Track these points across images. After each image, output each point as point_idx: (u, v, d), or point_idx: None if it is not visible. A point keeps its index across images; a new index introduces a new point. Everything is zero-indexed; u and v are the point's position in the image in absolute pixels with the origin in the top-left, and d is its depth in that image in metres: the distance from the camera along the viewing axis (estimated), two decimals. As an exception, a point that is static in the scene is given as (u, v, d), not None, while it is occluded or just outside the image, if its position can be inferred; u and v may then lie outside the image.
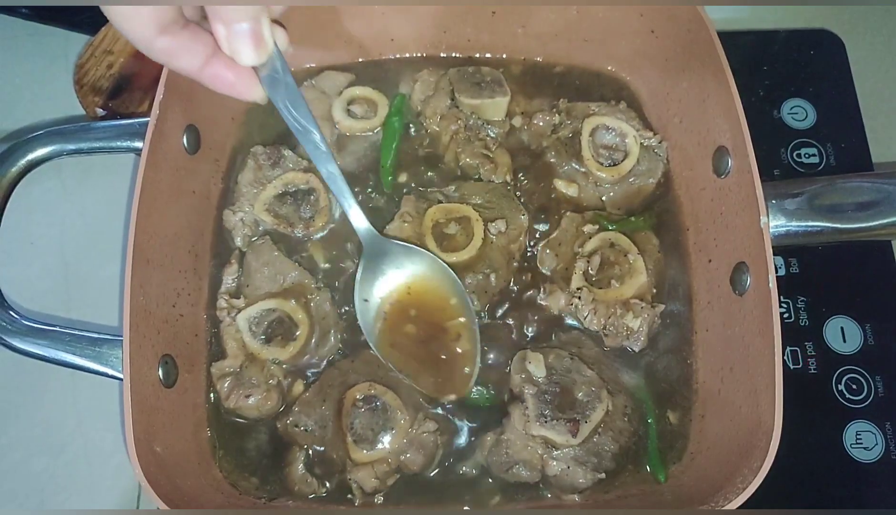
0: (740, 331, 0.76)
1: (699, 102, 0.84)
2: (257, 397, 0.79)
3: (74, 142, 0.79)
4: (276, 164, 0.89)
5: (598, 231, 0.85)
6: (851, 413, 0.87)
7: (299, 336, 0.81)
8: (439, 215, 0.85)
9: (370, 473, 0.76)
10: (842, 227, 0.74)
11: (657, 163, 0.89)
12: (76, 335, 0.74)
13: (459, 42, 0.96)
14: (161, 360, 0.76)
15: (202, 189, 0.88)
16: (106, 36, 1.00)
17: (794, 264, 0.95)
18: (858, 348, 0.90)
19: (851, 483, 0.85)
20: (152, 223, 0.76)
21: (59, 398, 0.90)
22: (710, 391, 0.80)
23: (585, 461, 0.75)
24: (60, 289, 0.95)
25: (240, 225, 0.87)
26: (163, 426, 0.74)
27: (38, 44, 1.09)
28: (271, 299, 0.82)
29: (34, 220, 0.98)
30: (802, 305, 0.93)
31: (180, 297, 0.82)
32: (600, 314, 0.82)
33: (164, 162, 0.79)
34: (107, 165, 0.98)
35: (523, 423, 0.76)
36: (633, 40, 0.92)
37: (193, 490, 0.74)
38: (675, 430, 0.81)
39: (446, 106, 0.91)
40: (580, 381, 0.78)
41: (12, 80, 1.07)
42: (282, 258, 0.85)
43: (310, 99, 0.92)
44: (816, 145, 1.01)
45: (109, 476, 0.87)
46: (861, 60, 1.06)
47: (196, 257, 0.86)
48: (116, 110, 0.99)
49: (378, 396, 0.78)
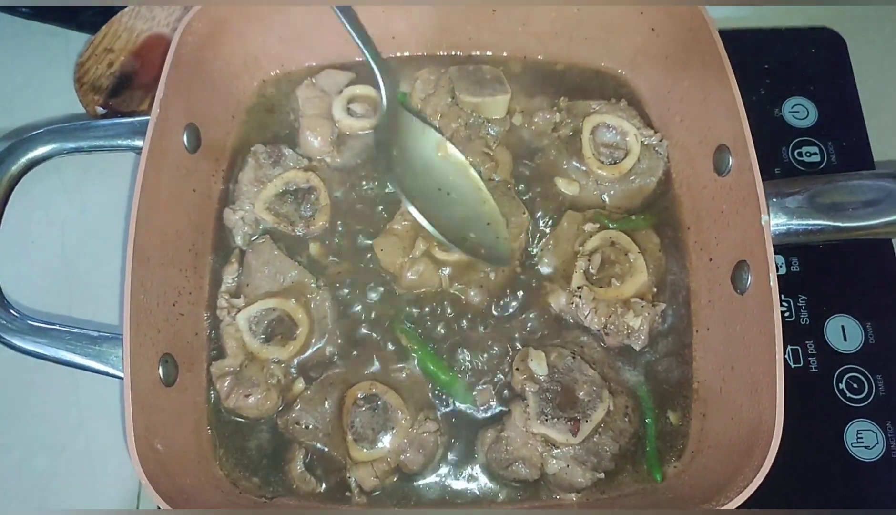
0: (741, 330, 0.76)
1: (700, 100, 0.83)
2: (257, 396, 0.79)
3: (75, 140, 0.79)
4: (276, 162, 0.89)
5: (598, 230, 0.85)
6: (852, 412, 0.87)
7: (299, 336, 0.81)
8: (440, 213, 0.85)
9: (370, 472, 0.76)
10: (843, 225, 0.74)
11: (658, 161, 0.89)
12: (76, 334, 0.74)
13: (460, 40, 0.96)
14: (161, 359, 0.76)
15: (202, 188, 0.88)
16: (106, 35, 1.00)
17: (795, 263, 0.95)
18: (859, 346, 0.90)
19: (852, 482, 0.85)
20: (152, 222, 0.77)
21: (60, 396, 0.90)
22: (711, 389, 0.80)
23: (585, 460, 0.75)
24: (61, 288, 0.95)
25: (240, 224, 0.87)
26: (163, 425, 0.74)
27: (39, 43, 1.09)
28: (271, 299, 0.82)
29: (35, 218, 0.98)
30: (803, 303, 0.93)
31: (181, 296, 0.82)
32: (601, 313, 0.81)
33: (164, 161, 0.79)
34: (107, 163, 0.98)
35: (524, 421, 0.76)
36: (633, 38, 0.91)
37: (193, 489, 0.74)
38: (676, 429, 0.81)
39: (447, 104, 0.91)
40: (582, 380, 0.78)
41: (13, 78, 1.07)
42: (282, 257, 0.85)
43: (310, 97, 0.92)
44: (817, 144, 1.01)
45: (110, 475, 0.87)
46: (862, 59, 1.05)
47: (196, 256, 0.86)
48: (117, 109, 0.99)
49: (379, 395, 0.79)
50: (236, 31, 0.89)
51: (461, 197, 0.85)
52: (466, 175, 0.87)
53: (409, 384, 0.80)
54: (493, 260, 0.83)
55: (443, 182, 0.86)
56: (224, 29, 0.87)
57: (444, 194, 0.85)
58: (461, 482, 0.79)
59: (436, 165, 0.87)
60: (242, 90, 0.94)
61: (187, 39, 0.82)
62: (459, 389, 0.81)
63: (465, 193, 0.86)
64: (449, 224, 0.82)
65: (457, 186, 0.86)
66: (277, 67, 0.96)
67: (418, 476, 0.78)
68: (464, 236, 0.83)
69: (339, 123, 0.92)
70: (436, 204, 0.84)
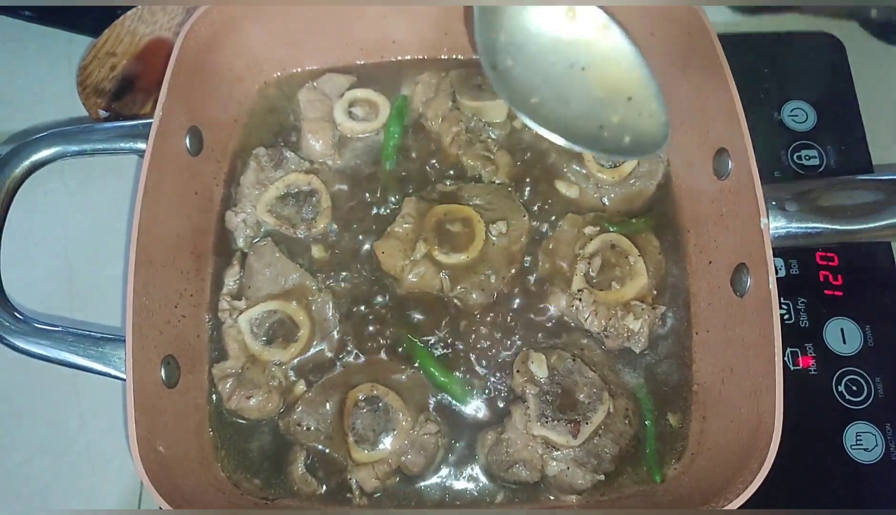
0: (741, 332, 0.76)
1: (699, 104, 0.84)
2: (258, 398, 0.79)
3: (77, 143, 0.80)
4: (278, 165, 0.90)
5: (598, 233, 0.85)
6: (851, 414, 0.87)
7: (300, 338, 0.81)
8: (441, 216, 0.85)
9: (371, 473, 0.76)
10: (842, 228, 0.74)
11: (658, 165, 0.89)
12: (79, 336, 0.74)
13: (461, 44, 0.96)
14: (163, 360, 0.76)
15: (204, 190, 0.89)
16: (109, 38, 1.00)
17: (795, 266, 0.95)
18: (858, 349, 0.90)
19: (851, 484, 0.85)
20: (155, 224, 0.77)
21: (62, 398, 0.90)
22: (711, 392, 0.80)
23: (585, 462, 0.76)
24: (63, 290, 0.95)
25: (242, 226, 0.88)
26: (165, 427, 0.74)
27: (42, 46, 1.09)
28: (272, 301, 0.82)
29: (37, 221, 0.99)
30: (803, 306, 0.93)
31: (182, 298, 0.82)
32: (601, 316, 0.82)
33: (166, 163, 0.79)
34: (110, 166, 0.98)
35: (524, 423, 0.77)
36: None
37: (195, 490, 0.74)
38: (676, 431, 0.81)
39: (448, 108, 0.92)
40: (582, 382, 0.78)
41: (15, 81, 1.08)
42: (283, 260, 0.85)
43: (311, 101, 0.92)
44: (817, 147, 1.01)
45: (112, 476, 0.87)
46: (861, 63, 1.06)
47: (198, 259, 0.86)
48: (119, 112, 1.00)
49: (380, 397, 0.79)
50: (238, 35, 0.89)
51: (600, 67, 0.70)
52: (606, 33, 0.71)
53: (410, 386, 0.80)
54: (640, 149, 0.69)
55: (575, 54, 0.71)
56: (226, 32, 0.87)
57: (578, 70, 0.70)
58: (462, 483, 0.79)
59: (564, 34, 0.72)
60: (244, 93, 0.95)
61: (189, 43, 0.82)
62: (459, 390, 0.81)
63: (607, 59, 0.71)
64: (582, 115, 0.68)
65: (594, 53, 0.70)
66: (279, 70, 0.96)
67: (419, 477, 0.79)
68: (602, 124, 0.69)
69: (341, 126, 0.92)
70: (566, 89, 0.70)
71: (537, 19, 0.73)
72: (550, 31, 0.73)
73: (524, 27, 0.73)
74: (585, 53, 0.72)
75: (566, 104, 0.70)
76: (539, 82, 0.71)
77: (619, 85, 0.71)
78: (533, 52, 0.72)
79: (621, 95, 0.71)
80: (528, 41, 0.73)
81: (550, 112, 0.69)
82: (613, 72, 0.72)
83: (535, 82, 0.71)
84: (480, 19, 0.72)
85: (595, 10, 0.73)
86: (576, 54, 0.72)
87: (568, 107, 0.69)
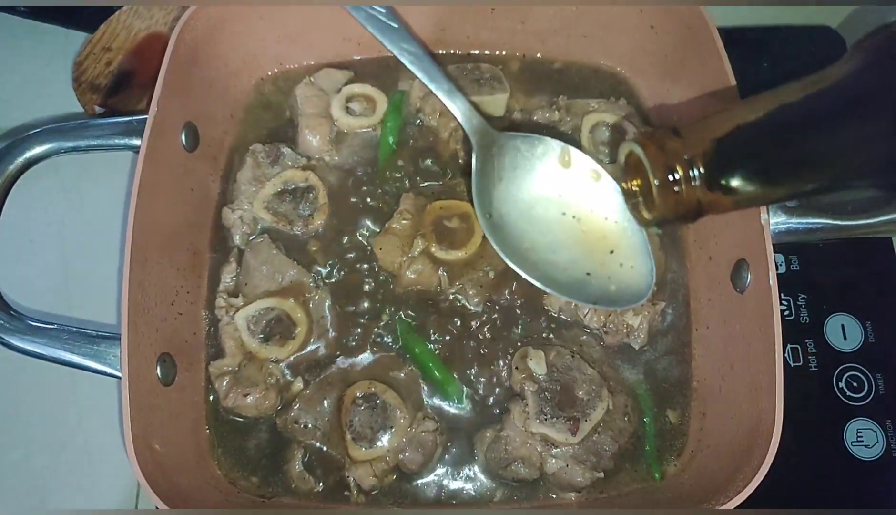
0: (741, 329, 0.75)
1: (698, 98, 0.83)
2: (256, 396, 0.79)
3: (73, 140, 0.79)
4: (275, 161, 0.89)
5: (597, 229, 0.85)
6: (852, 411, 0.87)
7: (298, 335, 0.81)
8: (438, 212, 0.85)
9: (368, 471, 0.76)
10: (842, 224, 0.74)
11: (657, 160, 0.89)
12: (74, 334, 0.74)
13: (458, 39, 0.96)
14: (159, 358, 0.76)
15: (200, 187, 0.88)
16: (104, 33, 1.00)
17: (795, 262, 0.95)
18: (859, 345, 0.90)
19: (852, 481, 0.85)
20: (150, 221, 0.76)
21: (59, 396, 0.90)
22: (711, 388, 0.80)
23: (584, 459, 0.75)
24: (59, 287, 0.95)
25: (238, 223, 0.87)
26: (161, 425, 0.74)
27: (37, 42, 1.08)
28: (270, 298, 0.82)
29: (32, 218, 0.98)
30: (803, 302, 0.92)
31: (179, 295, 0.82)
32: (600, 312, 0.81)
33: (162, 160, 0.79)
34: (105, 162, 0.97)
35: (523, 420, 0.76)
36: (632, 36, 0.91)
37: (192, 488, 0.74)
38: (675, 428, 0.81)
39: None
40: (581, 379, 0.78)
41: (11, 78, 1.07)
42: (280, 257, 0.84)
43: (308, 96, 0.92)
44: (817, 142, 1.00)
45: (109, 475, 0.87)
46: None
47: (195, 255, 0.86)
48: (115, 108, 0.99)
49: (378, 394, 0.78)
50: (234, 30, 0.88)
51: (589, 218, 0.73)
52: (596, 184, 0.73)
53: (408, 383, 0.80)
54: (624, 300, 0.72)
55: (567, 203, 0.73)
56: (222, 28, 0.87)
57: (570, 219, 0.73)
58: (460, 481, 0.79)
59: (558, 183, 0.75)
60: (241, 89, 0.94)
61: (185, 38, 0.82)
62: (457, 388, 0.81)
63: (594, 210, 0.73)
64: (572, 261, 0.71)
65: (584, 203, 0.73)
66: (276, 65, 0.96)
67: (417, 475, 0.78)
68: (589, 271, 0.72)
69: (338, 122, 0.92)
70: (557, 236, 0.72)
71: (534, 170, 0.77)
72: (546, 180, 0.77)
73: (520, 179, 0.77)
74: (575, 203, 0.75)
75: (555, 251, 0.73)
76: (531, 229, 0.74)
77: (605, 236, 0.74)
78: (527, 201, 0.76)
79: (605, 248, 0.74)
80: (524, 190, 0.76)
81: (540, 258, 0.72)
82: (601, 224, 0.75)
83: (528, 229, 0.74)
84: (478, 172, 0.74)
85: (589, 160, 0.77)
86: (567, 203, 0.76)
87: (557, 253, 0.73)
